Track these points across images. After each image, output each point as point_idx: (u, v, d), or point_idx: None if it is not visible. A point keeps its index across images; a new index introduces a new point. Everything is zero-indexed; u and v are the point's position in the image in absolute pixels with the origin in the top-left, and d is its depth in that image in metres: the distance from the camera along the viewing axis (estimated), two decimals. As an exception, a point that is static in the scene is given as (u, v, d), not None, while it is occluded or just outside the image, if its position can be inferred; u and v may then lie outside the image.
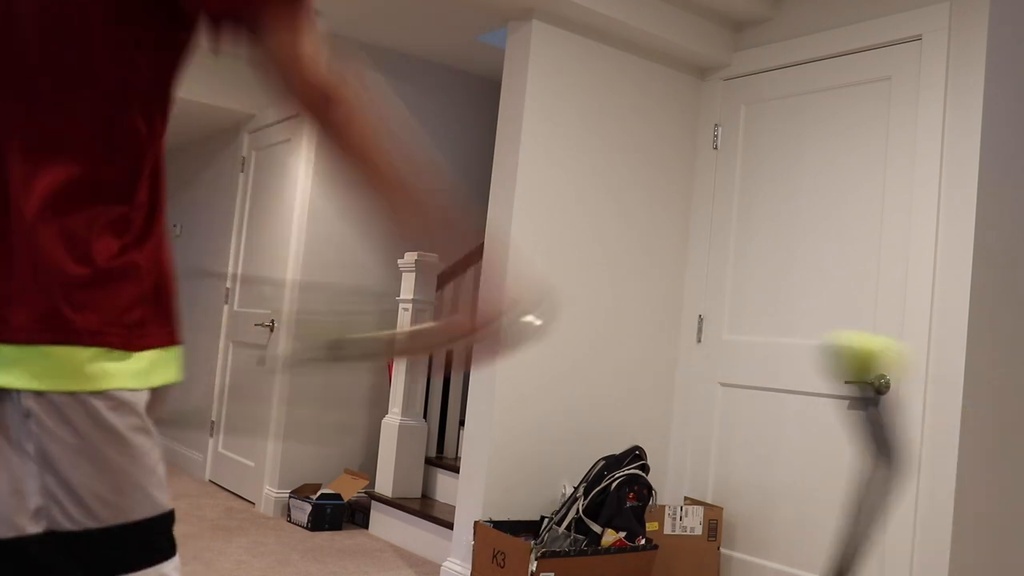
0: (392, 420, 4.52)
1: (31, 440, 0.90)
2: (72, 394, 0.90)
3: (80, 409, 0.91)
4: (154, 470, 0.97)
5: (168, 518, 0.99)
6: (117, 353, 0.94)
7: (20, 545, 0.91)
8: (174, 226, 6.70)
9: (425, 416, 4.70)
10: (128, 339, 0.95)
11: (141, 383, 0.96)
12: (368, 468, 5.02)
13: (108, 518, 0.92)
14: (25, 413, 0.90)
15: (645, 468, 3.36)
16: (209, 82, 5.34)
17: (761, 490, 3.60)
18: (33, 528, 0.91)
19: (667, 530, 3.46)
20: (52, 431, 0.90)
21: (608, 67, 3.77)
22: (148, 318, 0.97)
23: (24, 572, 0.90)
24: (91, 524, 0.91)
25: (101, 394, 0.92)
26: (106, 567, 0.92)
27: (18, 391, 0.90)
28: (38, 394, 0.90)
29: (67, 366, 0.91)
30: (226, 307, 5.59)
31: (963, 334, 3.01)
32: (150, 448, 0.96)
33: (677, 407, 3.99)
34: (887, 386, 3.20)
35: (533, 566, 2.99)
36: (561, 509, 3.37)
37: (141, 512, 0.95)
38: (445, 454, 4.75)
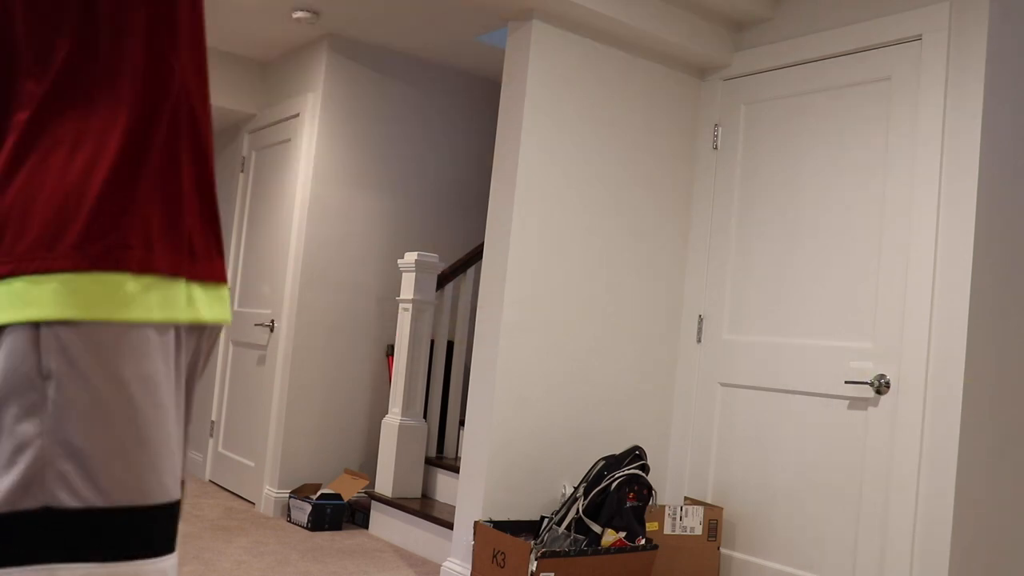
0: (392, 420, 4.52)
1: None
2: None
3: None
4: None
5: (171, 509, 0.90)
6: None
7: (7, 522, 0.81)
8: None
9: (425, 416, 4.70)
10: None
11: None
12: (368, 468, 5.02)
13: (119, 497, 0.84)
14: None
15: (645, 468, 3.36)
16: (209, 82, 5.33)
17: (761, 490, 3.60)
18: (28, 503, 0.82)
19: (667, 530, 3.46)
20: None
21: (608, 67, 3.77)
22: None
23: (6, 551, 0.81)
24: (97, 502, 0.83)
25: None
26: (97, 550, 0.84)
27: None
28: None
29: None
30: (226, 307, 5.59)
31: (963, 333, 3.01)
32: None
33: (677, 407, 3.99)
34: (887, 385, 3.20)
35: (533, 566, 2.99)
36: (561, 509, 3.37)
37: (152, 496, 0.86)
38: (445, 454, 4.75)
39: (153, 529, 0.87)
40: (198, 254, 0.92)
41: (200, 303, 0.93)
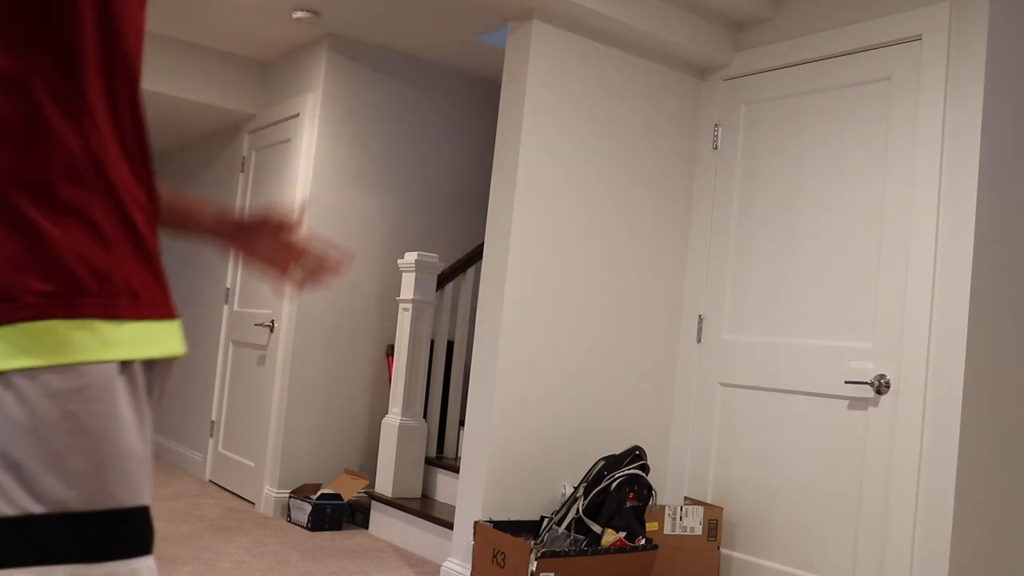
0: (392, 420, 4.52)
1: None
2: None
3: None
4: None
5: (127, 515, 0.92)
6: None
7: None
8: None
9: (425, 416, 4.70)
10: None
11: None
12: (368, 468, 5.02)
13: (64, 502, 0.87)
14: None
15: (645, 468, 3.36)
16: (209, 82, 5.34)
17: (761, 490, 3.60)
18: None
19: (667, 530, 3.46)
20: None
21: (608, 67, 3.77)
22: None
23: None
24: (34, 509, 0.86)
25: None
26: (38, 554, 0.86)
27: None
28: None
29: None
30: (226, 307, 5.59)
31: (963, 333, 3.01)
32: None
33: (677, 407, 3.99)
34: (887, 385, 3.20)
35: (533, 566, 2.99)
36: (561, 509, 3.37)
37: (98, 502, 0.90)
38: (445, 454, 4.75)
39: (103, 532, 0.89)
40: (139, 293, 0.96)
41: (150, 339, 0.97)
